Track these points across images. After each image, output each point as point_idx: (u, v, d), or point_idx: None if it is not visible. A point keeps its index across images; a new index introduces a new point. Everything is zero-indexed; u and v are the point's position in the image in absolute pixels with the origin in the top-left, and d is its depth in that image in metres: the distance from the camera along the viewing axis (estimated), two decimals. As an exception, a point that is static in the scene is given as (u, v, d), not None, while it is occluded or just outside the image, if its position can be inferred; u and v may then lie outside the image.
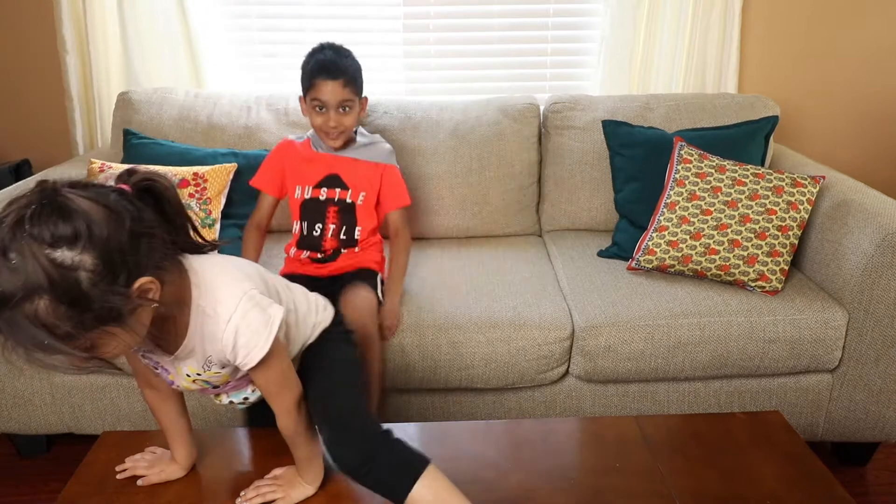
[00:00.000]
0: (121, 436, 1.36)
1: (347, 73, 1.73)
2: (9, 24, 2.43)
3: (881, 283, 1.66)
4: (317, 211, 1.82)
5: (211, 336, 0.99)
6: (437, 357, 1.70)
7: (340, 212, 1.81)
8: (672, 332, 1.69)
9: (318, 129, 1.78)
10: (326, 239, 1.81)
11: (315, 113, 1.76)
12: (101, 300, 0.80)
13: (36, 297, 0.76)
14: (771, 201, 1.82)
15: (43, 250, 0.76)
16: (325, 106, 1.73)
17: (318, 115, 1.75)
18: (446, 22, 2.48)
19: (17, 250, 0.76)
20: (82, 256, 0.78)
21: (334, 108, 1.74)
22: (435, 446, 1.34)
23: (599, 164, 2.18)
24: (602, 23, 2.43)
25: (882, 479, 1.89)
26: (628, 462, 1.28)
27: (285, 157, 1.85)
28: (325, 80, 1.71)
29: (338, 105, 1.73)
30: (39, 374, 1.79)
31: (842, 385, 1.77)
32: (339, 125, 1.75)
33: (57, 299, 0.77)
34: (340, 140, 1.79)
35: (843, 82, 2.53)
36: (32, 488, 1.85)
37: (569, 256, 2.03)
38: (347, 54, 1.78)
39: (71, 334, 0.79)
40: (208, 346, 1.00)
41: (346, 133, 1.80)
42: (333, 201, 1.82)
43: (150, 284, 0.87)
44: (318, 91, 1.72)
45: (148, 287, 0.86)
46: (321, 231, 1.81)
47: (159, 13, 2.36)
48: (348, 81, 1.73)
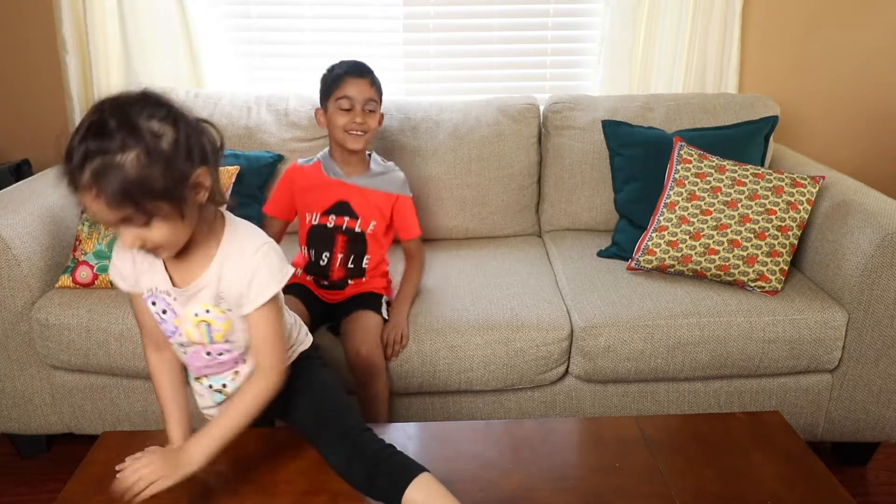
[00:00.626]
0: (120, 436, 1.36)
1: (374, 76, 1.79)
2: (9, 24, 2.43)
3: (881, 283, 1.66)
4: (325, 239, 1.78)
5: (229, 274, 1.13)
6: (436, 361, 1.70)
7: (349, 241, 1.78)
8: (672, 332, 1.69)
9: (344, 131, 1.74)
10: (334, 269, 1.79)
11: (340, 113, 1.74)
12: (174, 167, 1.00)
13: (128, 150, 0.96)
14: (771, 201, 1.82)
15: (138, 118, 0.99)
16: (352, 103, 1.73)
17: (344, 115, 1.73)
18: (446, 22, 2.48)
19: (117, 118, 0.97)
20: (166, 129, 1.00)
21: (361, 105, 1.74)
22: (435, 446, 1.34)
23: (599, 164, 2.18)
24: (602, 23, 2.43)
25: (882, 479, 1.89)
26: (628, 462, 1.28)
27: (294, 182, 1.83)
28: (354, 77, 1.74)
29: (364, 102, 1.74)
30: (39, 374, 1.80)
31: (842, 385, 1.77)
32: (364, 123, 1.74)
33: (143, 154, 0.97)
34: (361, 142, 1.76)
35: (843, 82, 2.53)
36: (32, 488, 1.85)
37: (568, 257, 2.04)
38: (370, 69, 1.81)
39: (144, 191, 0.97)
40: (224, 285, 1.14)
41: (368, 137, 1.76)
42: (342, 229, 1.78)
43: (206, 177, 1.05)
44: (345, 88, 1.73)
45: (205, 178, 1.05)
46: (328, 260, 1.78)
47: (159, 13, 2.36)
48: (374, 82, 1.78)
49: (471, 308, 1.77)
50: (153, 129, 1.00)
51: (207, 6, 2.40)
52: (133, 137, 0.97)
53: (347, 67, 1.77)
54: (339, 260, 1.78)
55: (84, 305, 1.73)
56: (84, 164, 0.96)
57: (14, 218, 1.75)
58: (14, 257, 1.71)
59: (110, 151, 0.96)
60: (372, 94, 1.76)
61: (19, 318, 1.75)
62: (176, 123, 1.02)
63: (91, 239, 1.80)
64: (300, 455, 1.29)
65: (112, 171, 0.96)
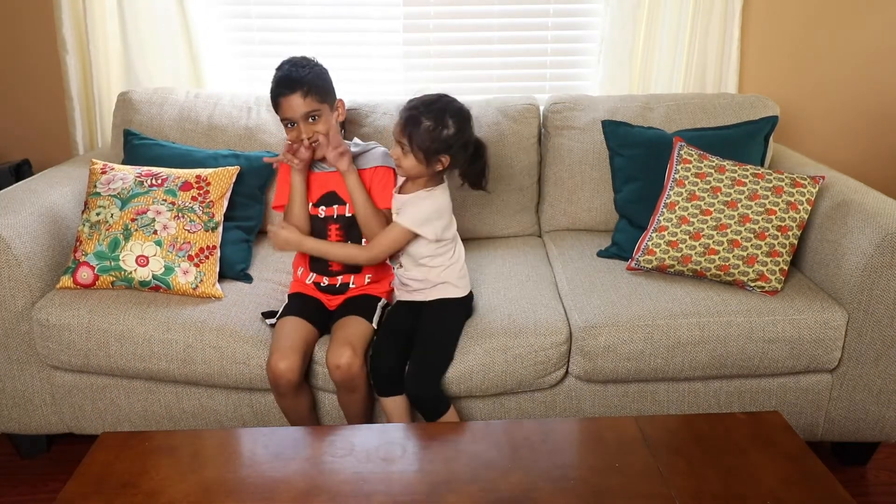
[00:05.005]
0: (120, 437, 1.36)
1: (304, 83, 1.70)
2: (9, 24, 2.44)
3: (881, 283, 1.66)
4: (318, 231, 1.80)
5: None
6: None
7: (342, 228, 1.80)
8: (671, 332, 1.69)
9: (294, 145, 1.74)
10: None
11: (287, 130, 1.74)
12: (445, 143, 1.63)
13: (444, 127, 1.62)
14: (770, 201, 1.82)
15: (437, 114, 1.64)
16: (292, 121, 1.72)
17: (291, 132, 1.74)
18: (446, 22, 2.48)
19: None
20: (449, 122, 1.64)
21: (302, 121, 1.71)
22: (435, 446, 1.34)
23: (599, 165, 2.18)
24: (602, 23, 2.43)
25: (882, 479, 1.89)
26: (628, 462, 1.28)
27: (289, 174, 1.82)
28: (285, 95, 1.70)
29: (304, 117, 1.71)
30: (40, 374, 1.80)
31: (841, 385, 1.77)
32: (310, 135, 1.72)
33: (433, 123, 1.62)
34: (322, 149, 1.74)
35: (843, 82, 2.53)
36: (32, 488, 1.85)
37: (568, 257, 2.03)
38: (305, 64, 1.74)
39: (434, 137, 1.61)
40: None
41: (327, 140, 1.73)
42: (333, 218, 1.80)
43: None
44: (280, 109, 1.72)
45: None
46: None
47: (159, 13, 2.36)
48: (308, 91, 1.69)
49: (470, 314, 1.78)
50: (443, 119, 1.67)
51: (207, 6, 2.40)
52: (431, 116, 1.66)
53: (276, 84, 1.72)
54: None
55: (84, 306, 1.73)
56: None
57: (14, 218, 1.75)
58: (14, 257, 1.71)
59: (420, 118, 1.65)
60: (309, 105, 1.70)
61: (20, 319, 1.75)
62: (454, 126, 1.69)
63: (92, 240, 1.80)
64: (300, 455, 1.29)
65: (418, 127, 1.63)
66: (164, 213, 1.83)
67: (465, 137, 1.66)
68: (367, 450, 1.31)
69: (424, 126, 1.61)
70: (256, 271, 1.99)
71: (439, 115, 1.62)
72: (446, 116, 1.62)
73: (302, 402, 1.70)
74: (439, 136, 1.62)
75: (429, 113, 1.61)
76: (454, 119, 1.63)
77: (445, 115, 1.62)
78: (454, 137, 1.63)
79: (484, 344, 1.70)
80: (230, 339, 1.70)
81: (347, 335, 1.66)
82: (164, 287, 1.79)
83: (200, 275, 1.80)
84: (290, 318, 1.71)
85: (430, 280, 1.74)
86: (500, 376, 1.70)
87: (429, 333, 1.70)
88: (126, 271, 1.77)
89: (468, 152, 1.69)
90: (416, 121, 1.61)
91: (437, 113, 1.62)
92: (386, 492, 1.20)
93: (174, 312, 1.74)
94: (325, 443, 1.35)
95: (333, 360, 1.61)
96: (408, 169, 1.66)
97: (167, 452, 1.30)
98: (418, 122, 1.61)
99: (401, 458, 1.29)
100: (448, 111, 1.63)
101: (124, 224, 1.80)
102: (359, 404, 1.68)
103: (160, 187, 1.87)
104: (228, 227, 1.95)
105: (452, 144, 1.63)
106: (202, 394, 1.77)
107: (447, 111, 1.63)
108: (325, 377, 1.68)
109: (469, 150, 1.69)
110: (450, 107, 1.65)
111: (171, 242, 1.80)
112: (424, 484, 1.22)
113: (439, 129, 1.61)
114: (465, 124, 1.66)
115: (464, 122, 1.65)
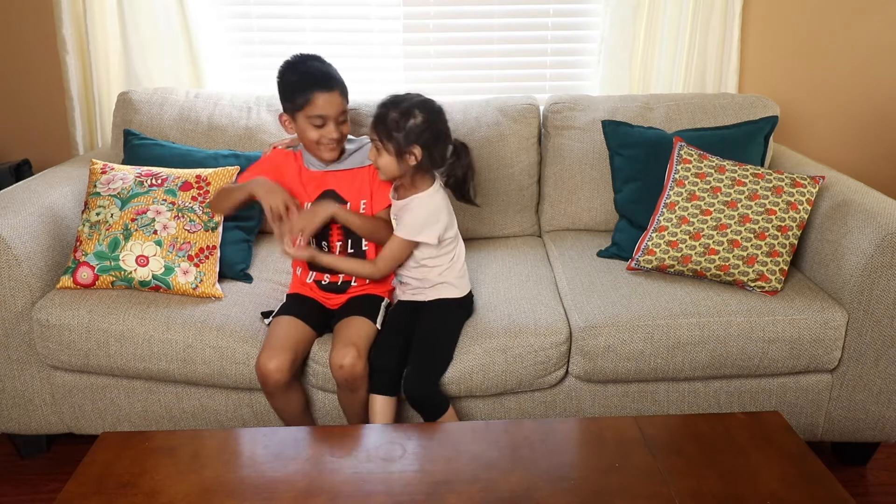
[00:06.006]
0: (119, 437, 1.36)
1: (340, 82, 1.71)
2: (9, 24, 2.44)
3: (881, 283, 1.66)
4: (321, 230, 1.75)
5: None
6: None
7: (344, 227, 1.76)
8: (671, 332, 1.69)
9: (317, 144, 1.72)
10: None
11: (312, 128, 1.69)
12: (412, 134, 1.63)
13: (411, 117, 1.62)
14: (770, 201, 1.82)
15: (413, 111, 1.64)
16: (325, 120, 1.69)
17: (317, 130, 1.69)
18: (446, 22, 2.48)
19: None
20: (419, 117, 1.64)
21: (335, 120, 1.69)
22: (435, 446, 1.34)
23: (599, 165, 2.18)
24: (602, 23, 2.43)
25: (882, 479, 1.89)
26: (628, 462, 1.28)
27: (284, 167, 1.80)
28: (323, 91, 1.67)
29: (337, 116, 1.69)
30: (40, 374, 1.80)
31: (841, 385, 1.77)
32: (340, 136, 1.72)
33: (399, 115, 1.62)
34: (338, 151, 1.75)
35: (843, 82, 2.53)
36: (32, 488, 1.85)
37: (568, 257, 2.03)
38: (329, 63, 1.74)
39: (401, 127, 1.62)
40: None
41: (343, 144, 1.75)
42: (334, 218, 1.77)
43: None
44: (317, 106, 1.67)
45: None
46: (328, 250, 1.78)
47: (159, 13, 2.36)
48: (342, 90, 1.71)
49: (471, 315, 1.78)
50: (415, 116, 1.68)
51: (207, 6, 2.40)
52: (410, 116, 1.67)
53: (314, 79, 1.68)
54: (339, 248, 1.78)
55: (84, 306, 1.73)
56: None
57: (14, 218, 1.75)
58: (14, 257, 1.71)
59: (402, 117, 1.64)
60: (343, 105, 1.70)
61: (20, 319, 1.75)
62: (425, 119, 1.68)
63: (92, 240, 1.80)
64: (300, 455, 1.29)
65: (404, 128, 1.64)
66: (164, 213, 1.83)
67: (436, 129, 1.65)
68: (367, 450, 1.32)
69: (391, 118, 1.62)
70: (256, 271, 1.99)
71: (407, 108, 1.62)
72: (413, 108, 1.63)
73: (293, 401, 1.69)
74: (405, 126, 1.61)
75: (396, 107, 1.63)
76: (421, 109, 1.63)
77: (413, 107, 1.63)
78: (422, 126, 1.62)
79: (484, 344, 1.70)
80: (230, 339, 1.70)
81: (351, 335, 1.65)
82: (164, 287, 1.79)
83: (200, 275, 1.80)
84: (284, 318, 1.71)
85: (429, 280, 1.74)
86: (499, 376, 1.70)
87: (428, 333, 1.70)
88: (126, 271, 1.77)
89: (442, 145, 1.67)
90: (385, 116, 1.62)
91: (405, 106, 1.63)
92: (386, 492, 1.21)
93: (174, 312, 1.74)
94: (325, 443, 1.35)
95: (337, 359, 1.60)
96: (384, 168, 1.66)
97: (167, 452, 1.30)
98: (386, 116, 1.62)
99: (401, 458, 1.29)
100: (415, 104, 1.64)
101: (124, 224, 1.80)
102: (359, 404, 1.68)
103: (160, 187, 1.87)
104: (228, 227, 1.95)
105: (421, 134, 1.62)
106: (202, 394, 1.77)
107: (414, 104, 1.64)
108: (322, 376, 1.68)
109: (443, 143, 1.67)
110: (417, 99, 1.65)
111: (171, 242, 1.80)
112: (424, 484, 1.22)
113: (405, 119, 1.61)
114: (435, 116, 1.65)
115: (432, 113, 1.64)
